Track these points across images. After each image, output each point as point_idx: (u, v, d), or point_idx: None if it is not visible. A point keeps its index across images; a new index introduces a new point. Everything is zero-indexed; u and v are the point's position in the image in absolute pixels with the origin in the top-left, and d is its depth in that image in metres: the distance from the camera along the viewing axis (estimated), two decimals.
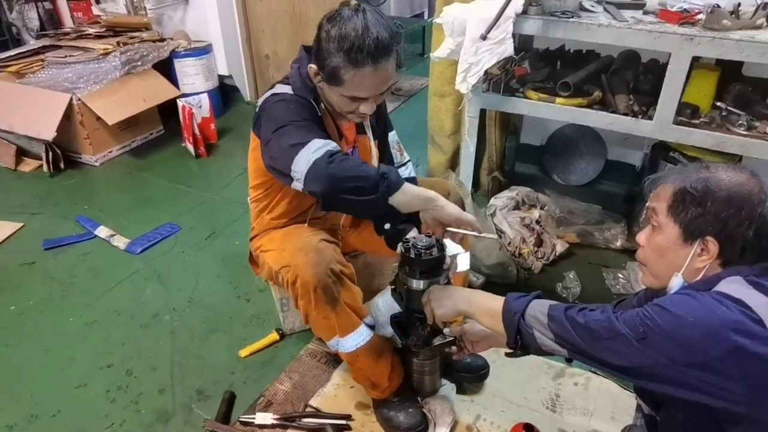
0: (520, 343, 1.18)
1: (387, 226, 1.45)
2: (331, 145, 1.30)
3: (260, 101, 1.50)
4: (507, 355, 1.26)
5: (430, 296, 1.38)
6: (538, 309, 1.15)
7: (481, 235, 1.42)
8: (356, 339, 1.55)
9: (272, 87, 1.52)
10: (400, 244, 1.50)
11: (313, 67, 1.39)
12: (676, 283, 1.10)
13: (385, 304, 1.73)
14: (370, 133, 1.67)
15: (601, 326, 1.03)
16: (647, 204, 1.19)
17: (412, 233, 1.58)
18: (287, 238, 1.58)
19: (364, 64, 1.31)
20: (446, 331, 1.46)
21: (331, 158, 1.25)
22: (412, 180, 1.75)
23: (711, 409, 1.00)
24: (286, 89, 1.47)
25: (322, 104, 1.50)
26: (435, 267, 1.46)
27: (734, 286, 1.00)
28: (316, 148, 1.27)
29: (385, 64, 1.34)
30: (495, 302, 1.24)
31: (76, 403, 1.78)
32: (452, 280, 1.54)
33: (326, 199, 1.29)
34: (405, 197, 1.31)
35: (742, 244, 1.04)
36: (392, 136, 1.76)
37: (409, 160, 1.79)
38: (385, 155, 1.74)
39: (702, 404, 0.98)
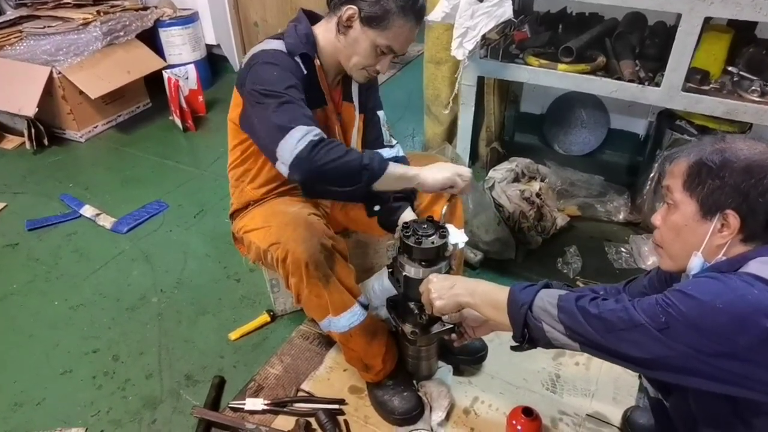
0: (528, 337, 1.11)
1: (377, 208, 1.47)
2: (314, 131, 1.28)
3: (248, 56, 1.44)
4: (512, 348, 1.19)
5: (430, 286, 1.30)
6: (547, 300, 1.07)
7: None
8: (350, 318, 1.49)
9: (261, 42, 1.46)
10: (398, 228, 1.43)
11: (351, 8, 1.37)
12: (695, 263, 1.03)
13: (381, 286, 1.67)
14: (356, 103, 1.60)
15: (617, 316, 0.96)
16: (662, 183, 1.11)
17: (408, 213, 1.50)
18: (272, 215, 1.50)
19: (412, 18, 1.39)
20: (445, 318, 1.38)
21: (315, 149, 1.25)
22: (401, 159, 1.67)
23: (732, 399, 0.94)
24: (277, 44, 1.43)
25: (317, 60, 1.47)
26: (436, 255, 1.37)
27: (766, 267, 0.91)
28: (301, 136, 1.26)
29: (420, 24, 1.44)
30: (499, 293, 1.16)
31: (61, 390, 1.73)
32: (454, 269, 1.46)
33: (308, 188, 1.32)
34: (388, 181, 1.36)
35: (765, 217, 0.96)
36: (382, 115, 1.69)
37: (397, 143, 1.72)
38: (371, 132, 1.67)
39: (720, 393, 0.92)
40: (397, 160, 1.65)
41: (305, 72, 1.43)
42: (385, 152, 1.66)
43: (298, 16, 1.50)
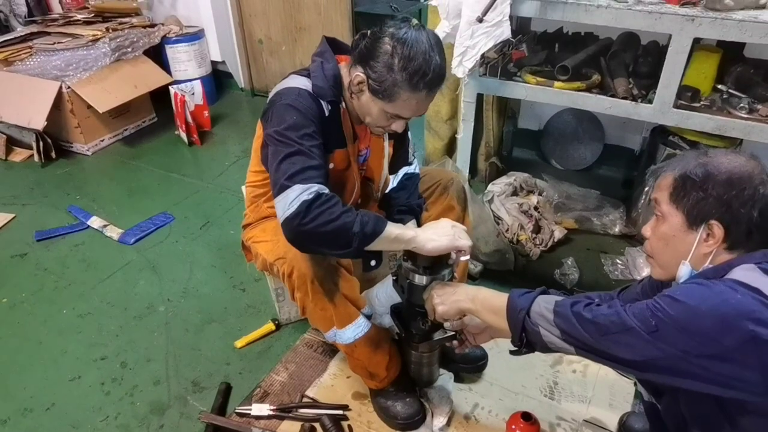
0: (526, 341, 1.15)
1: (373, 263, 1.45)
2: (310, 189, 1.24)
3: (274, 91, 1.44)
4: (511, 352, 1.24)
5: (433, 293, 1.36)
6: (544, 305, 1.12)
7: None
8: (354, 330, 1.53)
9: (287, 77, 1.46)
10: None
11: (360, 75, 1.34)
12: (684, 271, 1.08)
13: (385, 294, 1.71)
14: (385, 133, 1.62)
15: (610, 320, 1.01)
16: (650, 195, 1.17)
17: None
18: (281, 229, 1.54)
19: (423, 89, 1.31)
20: (447, 325, 1.43)
21: (307, 210, 1.22)
22: (415, 176, 1.72)
23: (719, 399, 0.99)
24: (303, 83, 1.40)
25: (343, 104, 1.45)
26: (439, 262, 1.43)
27: (749, 273, 0.96)
28: (295, 197, 1.24)
29: (437, 91, 1.36)
30: (499, 299, 1.21)
31: (70, 396, 1.76)
32: (456, 276, 1.51)
33: (298, 247, 1.31)
34: (384, 242, 1.30)
35: (747, 226, 1.02)
36: (409, 135, 1.73)
37: (415, 158, 1.76)
38: (401, 157, 1.71)
39: (708, 393, 0.96)
40: (412, 176, 1.71)
41: (327, 114, 1.41)
42: (404, 170, 1.71)
43: (324, 50, 1.45)
